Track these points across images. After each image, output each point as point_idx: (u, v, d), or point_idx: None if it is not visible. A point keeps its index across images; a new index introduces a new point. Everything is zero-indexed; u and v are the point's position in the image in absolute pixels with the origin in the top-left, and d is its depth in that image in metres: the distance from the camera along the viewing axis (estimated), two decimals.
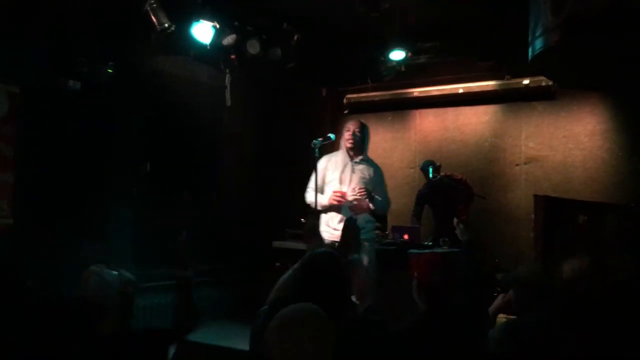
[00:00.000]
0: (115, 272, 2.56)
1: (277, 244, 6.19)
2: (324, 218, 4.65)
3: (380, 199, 4.54)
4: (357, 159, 4.55)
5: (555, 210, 4.24)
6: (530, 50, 3.97)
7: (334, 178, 4.56)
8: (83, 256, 4.94)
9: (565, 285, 2.94)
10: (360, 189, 4.42)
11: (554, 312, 2.62)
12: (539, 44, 3.77)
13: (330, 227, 4.55)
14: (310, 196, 4.59)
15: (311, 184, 4.58)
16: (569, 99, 6.00)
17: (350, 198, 4.43)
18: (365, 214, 4.48)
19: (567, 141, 6.00)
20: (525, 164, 6.20)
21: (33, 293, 2.37)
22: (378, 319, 2.30)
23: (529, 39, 3.99)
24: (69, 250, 4.72)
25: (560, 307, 2.65)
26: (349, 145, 4.55)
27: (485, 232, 6.21)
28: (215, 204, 6.33)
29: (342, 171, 4.52)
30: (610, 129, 5.80)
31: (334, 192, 4.48)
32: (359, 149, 4.55)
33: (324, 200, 4.53)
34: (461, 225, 4.71)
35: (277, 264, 6.10)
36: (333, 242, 4.38)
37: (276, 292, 2.61)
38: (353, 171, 4.51)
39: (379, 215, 4.86)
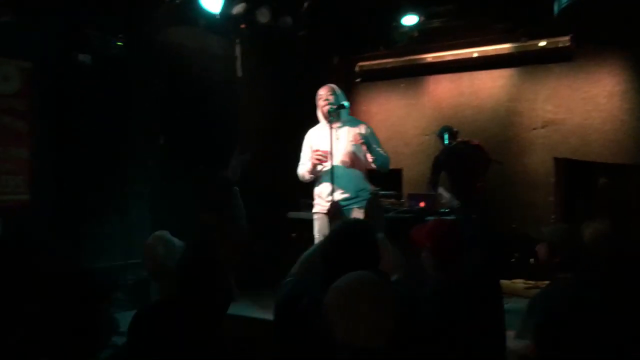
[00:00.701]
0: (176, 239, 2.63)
1: (292, 214, 6.18)
2: (316, 191, 4.55)
3: (378, 149, 4.35)
4: (338, 125, 4.37)
5: (576, 173, 4.17)
6: (555, 4, 3.84)
7: (321, 148, 4.38)
8: (101, 231, 5.01)
9: (588, 248, 2.90)
10: (356, 134, 4.26)
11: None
12: None
13: (323, 199, 4.44)
14: (301, 169, 4.51)
15: (302, 159, 4.49)
16: (587, 60, 5.87)
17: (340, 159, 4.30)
18: (360, 178, 4.35)
19: (585, 103, 5.88)
20: (543, 127, 6.10)
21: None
22: (407, 293, 2.24)
23: None
24: (87, 225, 4.76)
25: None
26: (326, 109, 4.37)
27: (502, 197, 6.16)
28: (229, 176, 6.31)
29: (327, 140, 4.28)
30: (629, 90, 5.66)
31: (314, 151, 4.34)
32: (335, 114, 4.34)
33: (306, 167, 4.44)
34: (446, 194, 4.66)
35: (293, 235, 6.12)
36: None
37: (301, 265, 2.51)
38: (337, 138, 4.32)
39: (382, 173, 4.58)
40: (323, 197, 4.44)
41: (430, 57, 6.60)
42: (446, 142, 5.69)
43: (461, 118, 6.55)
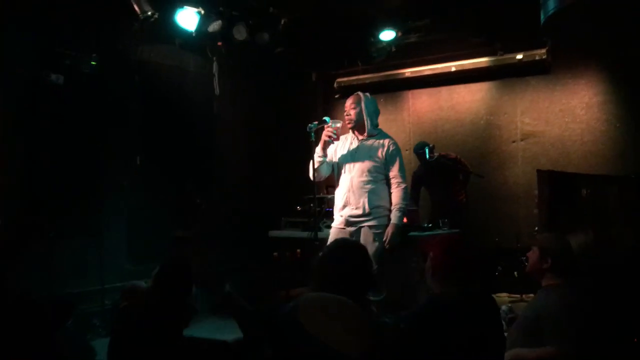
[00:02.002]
0: None
1: (274, 233, 6.09)
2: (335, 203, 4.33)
3: (398, 173, 4.10)
4: (363, 137, 4.19)
5: (559, 185, 4.16)
6: (542, 12, 3.84)
7: (341, 158, 4.21)
8: (75, 255, 4.86)
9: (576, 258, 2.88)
10: (389, 238, 3.99)
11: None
12: (552, 4, 3.64)
13: (337, 213, 4.23)
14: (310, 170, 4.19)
15: (311, 164, 4.18)
16: (564, 72, 5.92)
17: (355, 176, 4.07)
18: (376, 195, 4.06)
19: (563, 115, 5.92)
20: (522, 140, 6.12)
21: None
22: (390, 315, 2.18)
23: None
24: (61, 249, 4.61)
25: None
26: (348, 125, 4.20)
27: (484, 210, 6.16)
28: (210, 195, 6.21)
29: (348, 152, 4.15)
30: (607, 101, 5.71)
31: (326, 126, 4.06)
32: (360, 125, 4.17)
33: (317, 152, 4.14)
34: None
35: (275, 254, 6.01)
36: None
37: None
38: (357, 150, 4.13)
39: None
40: (337, 210, 4.22)
41: (408, 72, 6.61)
42: (427, 156, 5.67)
43: (441, 132, 6.55)
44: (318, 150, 4.12)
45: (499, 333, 2.33)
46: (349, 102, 4.22)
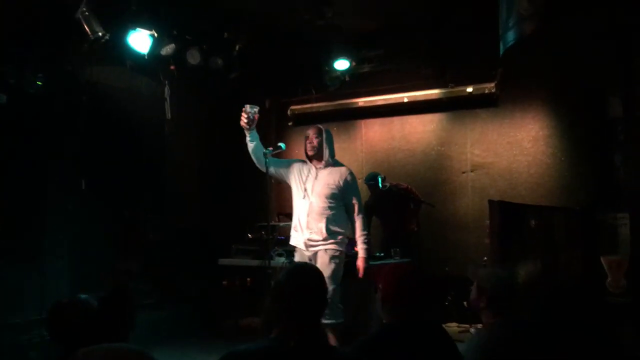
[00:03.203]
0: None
1: (223, 261, 5.96)
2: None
3: (355, 201, 4.31)
4: (320, 166, 4.36)
5: (509, 215, 4.25)
6: (501, 44, 3.95)
7: (295, 185, 4.37)
8: (12, 282, 4.60)
9: (523, 287, 2.90)
10: (360, 270, 4.21)
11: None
12: (511, 36, 3.75)
13: (296, 232, 4.36)
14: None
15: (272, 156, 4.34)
16: (512, 105, 6.09)
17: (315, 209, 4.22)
18: (332, 221, 4.21)
19: (511, 147, 6.07)
20: (472, 171, 6.24)
21: None
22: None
23: (500, 32, 3.97)
24: None
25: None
26: (309, 153, 4.38)
27: (434, 239, 6.21)
28: (157, 221, 6.04)
29: (306, 180, 4.31)
30: (552, 135, 5.90)
31: (243, 111, 4.18)
32: (319, 155, 4.35)
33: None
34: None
35: (224, 282, 5.88)
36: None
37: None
38: (316, 178, 4.30)
39: None
40: (296, 232, 4.35)
41: (361, 101, 6.67)
42: (380, 185, 5.69)
43: (393, 161, 6.61)
44: (247, 136, 4.27)
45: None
46: (312, 132, 4.39)
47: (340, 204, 4.29)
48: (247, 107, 4.19)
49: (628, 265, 4.03)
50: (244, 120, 4.17)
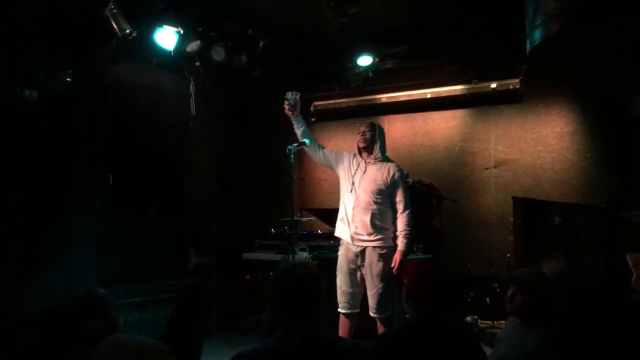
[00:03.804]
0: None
1: (247, 255, 6.04)
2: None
3: (402, 198, 4.40)
4: (370, 160, 4.48)
5: (534, 212, 4.23)
6: (528, 42, 3.94)
7: (343, 177, 4.52)
8: (39, 277, 4.69)
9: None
10: (396, 263, 4.24)
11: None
12: (538, 34, 3.74)
13: (344, 228, 4.47)
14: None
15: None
16: (536, 101, 6.04)
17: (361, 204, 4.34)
18: (379, 217, 4.31)
19: (535, 144, 6.02)
20: (495, 167, 6.20)
21: None
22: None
23: (527, 30, 3.96)
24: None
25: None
26: (360, 145, 4.52)
27: (457, 236, 6.20)
28: (182, 216, 6.12)
29: (354, 173, 4.44)
30: (577, 131, 5.84)
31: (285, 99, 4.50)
32: (370, 149, 4.48)
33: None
34: None
35: (247, 276, 5.95)
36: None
37: None
38: (364, 172, 4.42)
39: None
40: (342, 224, 4.48)
41: (384, 97, 6.67)
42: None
43: (416, 158, 6.60)
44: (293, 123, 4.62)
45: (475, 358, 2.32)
46: (364, 126, 4.57)
47: (386, 200, 4.37)
48: (288, 94, 4.33)
49: None
50: (286, 107, 4.35)
